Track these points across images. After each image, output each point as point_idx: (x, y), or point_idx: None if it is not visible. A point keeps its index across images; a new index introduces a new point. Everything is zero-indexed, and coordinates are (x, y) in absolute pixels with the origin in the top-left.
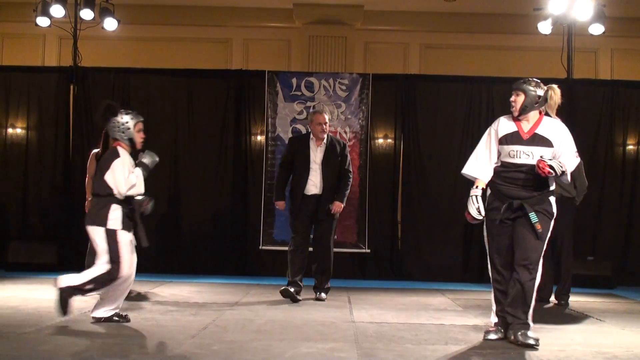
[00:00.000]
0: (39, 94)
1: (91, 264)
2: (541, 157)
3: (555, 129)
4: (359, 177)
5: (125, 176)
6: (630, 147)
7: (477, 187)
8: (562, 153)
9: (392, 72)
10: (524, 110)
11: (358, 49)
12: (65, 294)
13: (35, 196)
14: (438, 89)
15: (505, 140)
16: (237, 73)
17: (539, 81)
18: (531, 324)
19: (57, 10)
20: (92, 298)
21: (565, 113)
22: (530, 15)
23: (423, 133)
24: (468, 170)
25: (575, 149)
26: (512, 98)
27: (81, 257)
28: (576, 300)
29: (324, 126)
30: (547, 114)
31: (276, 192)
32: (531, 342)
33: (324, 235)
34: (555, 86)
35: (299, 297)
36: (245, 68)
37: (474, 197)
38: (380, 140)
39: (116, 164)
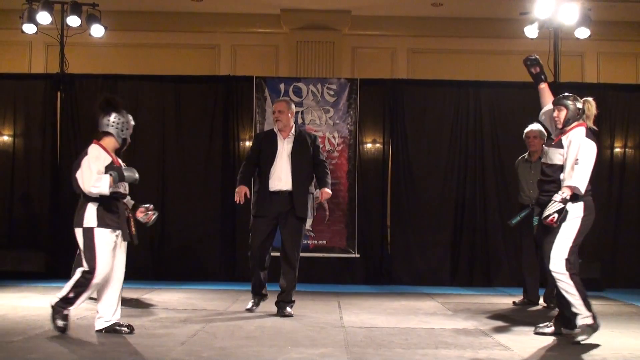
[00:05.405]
0: (26, 101)
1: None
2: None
3: (571, 136)
4: (347, 182)
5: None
6: (618, 149)
7: None
8: (567, 159)
9: (379, 77)
10: (567, 123)
11: (346, 54)
12: (56, 309)
13: (23, 204)
14: (425, 93)
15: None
16: (225, 79)
17: (575, 96)
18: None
19: (44, 17)
20: (84, 309)
21: None
22: (516, 20)
23: (411, 137)
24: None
25: (581, 158)
26: (555, 114)
27: (69, 266)
28: None
29: (277, 114)
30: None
31: (238, 182)
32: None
33: (289, 242)
34: (590, 99)
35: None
36: (233, 74)
37: None
38: (369, 145)
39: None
